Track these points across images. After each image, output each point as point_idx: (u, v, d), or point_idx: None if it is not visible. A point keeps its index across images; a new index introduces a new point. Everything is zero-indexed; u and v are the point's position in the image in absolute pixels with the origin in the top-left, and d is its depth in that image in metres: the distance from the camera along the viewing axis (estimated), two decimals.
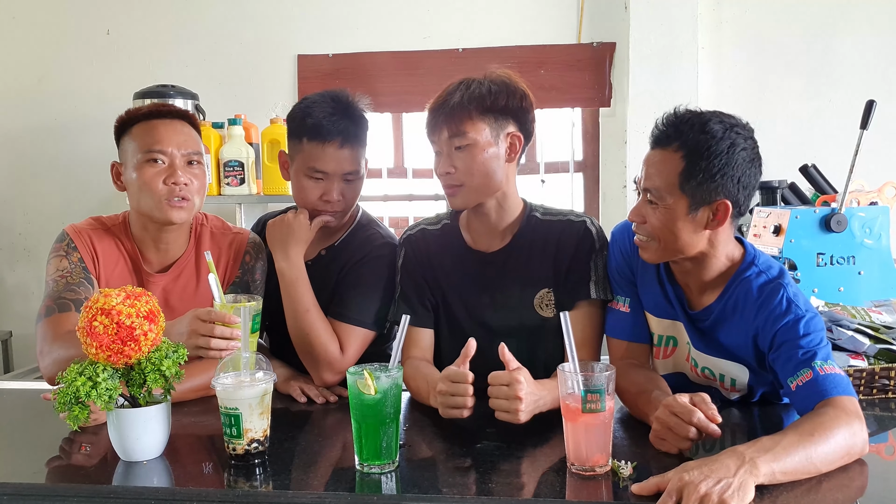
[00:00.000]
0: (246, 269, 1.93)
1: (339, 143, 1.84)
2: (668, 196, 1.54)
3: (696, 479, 1.17)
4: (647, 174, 1.58)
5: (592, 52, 3.68)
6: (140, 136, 1.82)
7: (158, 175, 1.80)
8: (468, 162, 1.73)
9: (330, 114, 1.85)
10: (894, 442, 1.60)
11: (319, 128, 1.84)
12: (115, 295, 1.42)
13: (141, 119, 1.84)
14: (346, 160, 1.86)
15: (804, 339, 1.49)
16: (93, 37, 3.97)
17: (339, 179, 1.87)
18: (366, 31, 3.82)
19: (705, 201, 1.54)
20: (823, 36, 3.57)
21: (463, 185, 1.75)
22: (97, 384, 1.39)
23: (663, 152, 1.56)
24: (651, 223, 1.58)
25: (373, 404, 1.34)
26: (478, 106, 1.71)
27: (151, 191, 1.80)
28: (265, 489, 1.34)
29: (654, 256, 1.62)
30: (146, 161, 1.80)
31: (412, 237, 1.92)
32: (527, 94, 1.79)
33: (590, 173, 3.89)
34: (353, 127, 1.87)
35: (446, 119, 1.72)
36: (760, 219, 2.80)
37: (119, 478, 1.39)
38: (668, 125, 1.57)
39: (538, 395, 1.52)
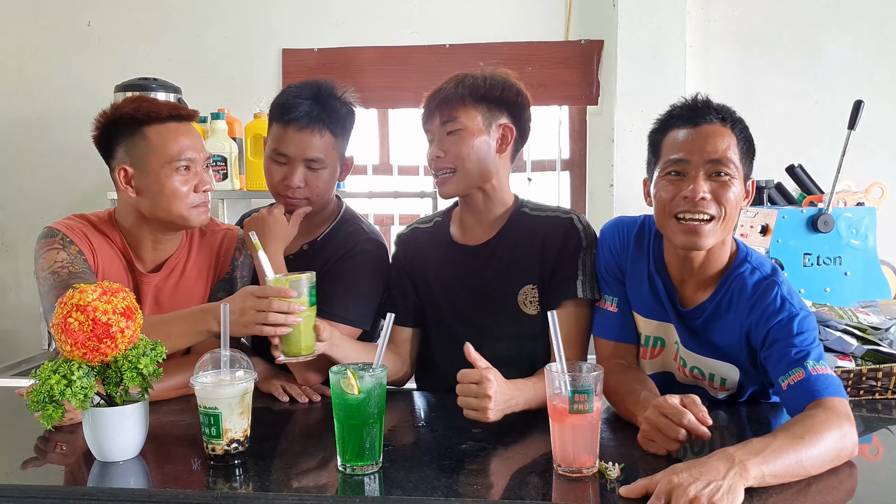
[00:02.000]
0: (235, 265, 1.91)
1: (299, 126, 1.80)
2: (736, 169, 1.54)
3: (686, 482, 1.15)
4: (708, 147, 1.52)
5: (580, 50, 3.66)
6: (162, 140, 1.75)
7: (187, 182, 1.77)
8: (458, 146, 1.73)
9: (298, 96, 1.81)
10: (880, 443, 1.59)
11: (284, 108, 1.82)
12: (90, 291, 1.38)
13: (155, 121, 1.76)
14: (309, 145, 1.81)
15: (797, 337, 1.48)
16: (73, 28, 3.91)
17: (301, 165, 1.83)
18: (352, 25, 3.78)
19: (747, 177, 1.58)
20: (811, 36, 3.56)
21: (455, 169, 1.74)
22: (72, 382, 1.35)
23: (714, 127, 1.54)
24: (724, 199, 1.52)
25: (356, 404, 1.31)
26: (472, 93, 1.73)
27: (181, 199, 1.76)
28: (245, 490, 1.30)
29: (710, 239, 1.54)
30: (175, 170, 1.75)
31: (403, 236, 1.94)
32: (523, 92, 1.80)
33: (577, 172, 3.87)
34: (322, 112, 1.81)
35: (439, 105, 1.74)
36: (747, 218, 2.80)
37: (94, 478, 1.35)
38: (709, 102, 1.57)
39: (509, 395, 1.50)
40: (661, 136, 1.60)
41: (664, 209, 1.56)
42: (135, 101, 1.79)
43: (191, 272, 1.88)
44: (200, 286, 1.88)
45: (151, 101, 1.81)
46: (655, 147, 1.62)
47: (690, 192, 1.52)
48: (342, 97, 1.88)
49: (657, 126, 1.63)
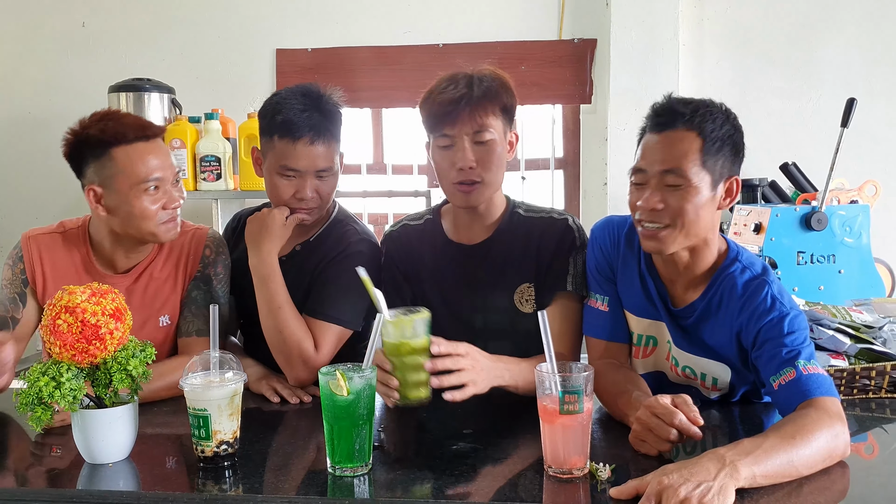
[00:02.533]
0: (207, 262, 1.90)
1: (310, 140, 1.80)
2: (693, 175, 1.50)
3: (676, 483, 1.15)
4: (663, 156, 1.52)
5: (573, 49, 3.65)
6: (130, 162, 1.74)
7: (157, 202, 1.77)
8: (489, 157, 1.71)
9: (300, 110, 1.80)
10: (874, 442, 1.59)
11: (290, 125, 1.80)
12: (79, 292, 1.38)
13: (122, 143, 1.75)
14: (319, 157, 1.82)
15: (788, 337, 1.48)
16: (68, 29, 3.90)
17: (312, 176, 1.83)
18: (345, 25, 3.77)
19: (723, 177, 1.54)
20: (805, 34, 3.56)
21: (482, 181, 1.73)
22: (61, 384, 1.35)
23: (676, 133, 1.52)
24: (672, 206, 1.51)
25: (345, 405, 1.30)
26: (497, 102, 1.72)
27: (151, 218, 1.77)
28: (234, 493, 1.30)
29: (669, 245, 1.54)
30: (144, 190, 1.75)
31: (393, 234, 1.91)
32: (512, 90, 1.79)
33: (570, 170, 3.87)
34: (325, 122, 1.82)
35: (472, 112, 1.69)
36: (741, 216, 2.80)
37: (84, 480, 1.34)
38: (678, 106, 1.54)
39: (491, 364, 1.53)
40: (641, 138, 1.61)
41: (632, 215, 1.59)
42: (101, 119, 1.77)
43: (160, 274, 1.88)
44: (170, 287, 1.88)
45: (117, 120, 1.77)
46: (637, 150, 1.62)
47: (644, 202, 1.53)
48: (333, 103, 1.89)
49: (640, 128, 1.63)
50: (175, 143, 3.37)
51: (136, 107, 3.42)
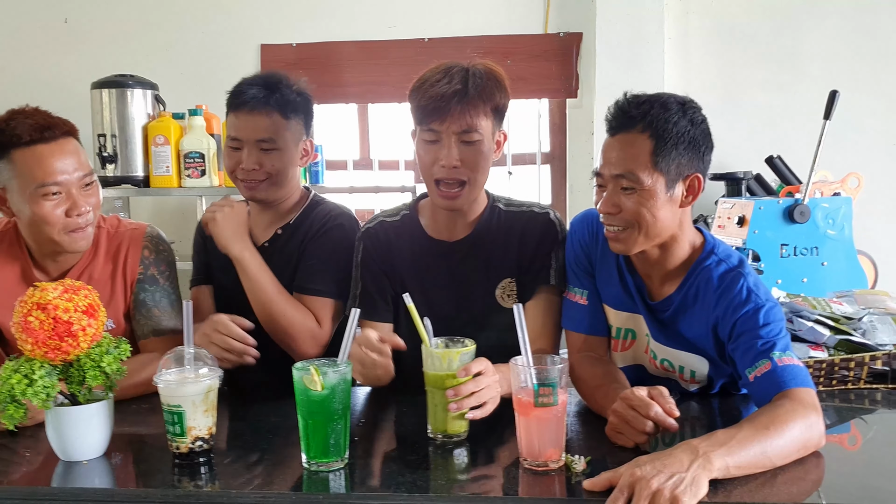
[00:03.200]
0: (147, 263, 1.86)
1: (249, 108, 1.85)
2: (646, 177, 1.50)
3: (649, 475, 1.14)
4: (615, 160, 1.52)
5: (559, 43, 3.65)
6: (27, 166, 1.65)
7: (58, 206, 1.68)
8: (475, 158, 1.69)
9: (249, 85, 1.87)
10: (852, 433, 1.59)
11: (235, 96, 1.87)
12: (51, 289, 1.37)
13: (22, 145, 1.65)
14: (259, 127, 1.85)
15: (763, 328, 1.48)
16: (51, 25, 3.88)
17: (254, 147, 1.86)
18: (330, 20, 3.76)
19: (680, 175, 1.52)
20: (791, 27, 3.57)
21: (467, 181, 1.70)
22: (33, 381, 1.33)
23: (627, 135, 1.52)
24: (629, 210, 1.52)
25: (320, 400, 1.30)
26: (490, 102, 1.68)
27: (52, 225, 1.68)
28: (209, 488, 1.29)
29: (631, 246, 1.55)
30: (43, 195, 1.66)
31: (371, 230, 1.86)
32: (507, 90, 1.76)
33: (557, 165, 3.87)
34: (270, 95, 1.86)
35: (463, 110, 1.65)
36: (725, 209, 2.80)
37: (58, 478, 1.33)
38: (628, 108, 1.53)
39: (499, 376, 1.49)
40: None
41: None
42: (6, 119, 1.67)
43: (98, 281, 1.81)
44: (108, 291, 1.82)
45: (20, 120, 1.66)
46: None
47: (601, 206, 1.55)
48: (293, 85, 1.92)
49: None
50: (159, 139, 3.36)
51: (119, 103, 3.40)
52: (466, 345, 1.47)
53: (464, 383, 1.40)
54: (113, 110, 3.42)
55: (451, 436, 1.43)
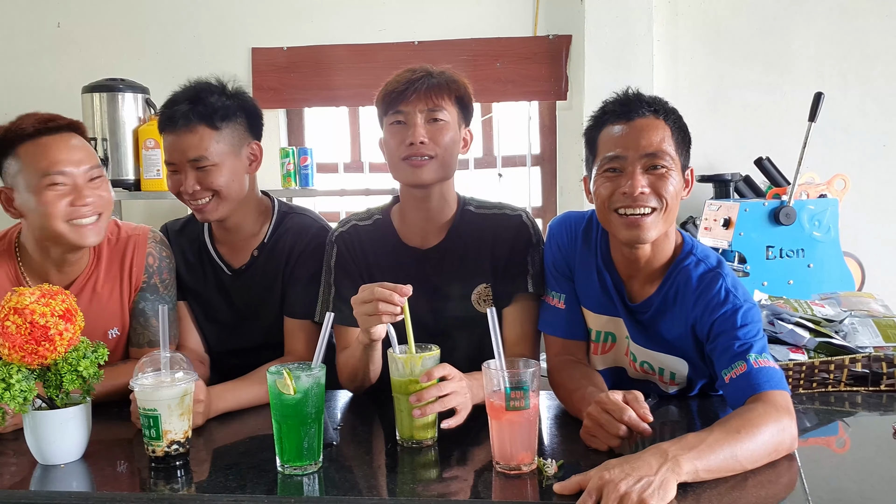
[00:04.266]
0: (151, 271, 1.84)
1: (175, 127, 1.76)
2: (673, 160, 1.53)
3: (617, 478, 1.15)
4: (643, 141, 1.52)
5: (548, 45, 3.66)
6: (31, 157, 1.65)
7: (62, 197, 1.65)
8: (442, 134, 1.70)
9: (171, 104, 1.78)
10: (830, 436, 1.60)
11: (163, 117, 1.79)
12: (28, 294, 1.38)
13: (26, 138, 1.65)
14: (189, 146, 1.76)
15: (741, 330, 1.48)
16: (43, 29, 3.90)
17: (189, 168, 1.78)
18: (321, 23, 3.77)
19: (684, 166, 1.57)
20: (779, 28, 3.58)
21: (435, 156, 1.71)
22: (10, 385, 1.35)
23: (646, 120, 1.54)
24: (658, 190, 1.51)
25: (293, 404, 1.30)
26: (454, 90, 1.72)
27: (57, 216, 1.65)
28: (185, 492, 1.30)
29: (654, 231, 1.53)
30: (47, 186, 1.64)
31: (344, 234, 1.85)
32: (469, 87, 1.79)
33: (547, 167, 3.88)
34: (193, 108, 1.76)
35: (427, 91, 1.68)
36: (711, 212, 2.81)
37: (36, 482, 1.35)
38: (639, 96, 1.58)
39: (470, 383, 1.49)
40: (597, 132, 1.60)
41: (604, 205, 1.56)
42: (16, 120, 1.68)
43: (103, 288, 1.79)
44: (115, 300, 1.81)
45: (25, 117, 1.68)
46: (591, 144, 1.62)
47: (629, 187, 1.51)
48: (221, 90, 1.83)
49: (591, 123, 1.62)
50: (149, 143, 3.37)
51: (109, 107, 3.41)
52: (430, 349, 1.47)
53: (426, 388, 1.41)
54: (104, 114, 3.43)
55: (418, 441, 1.43)
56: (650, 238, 1.55)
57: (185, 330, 1.94)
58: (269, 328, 1.92)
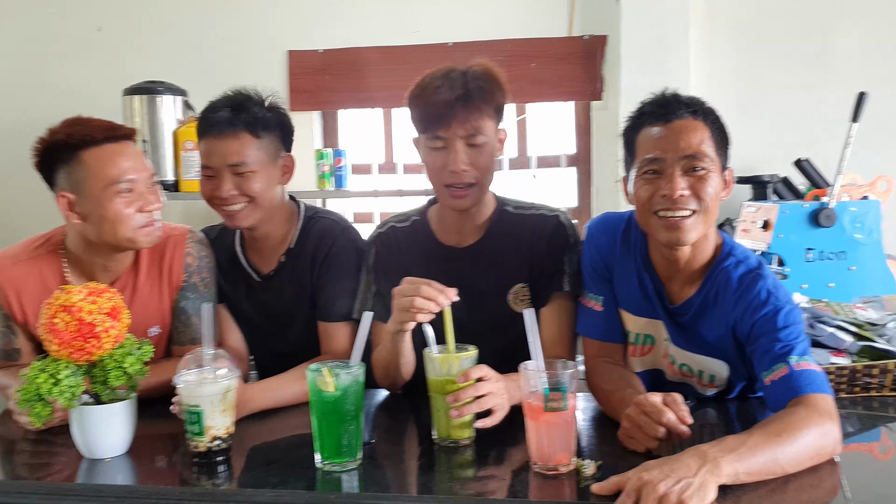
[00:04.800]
0: (191, 270, 1.86)
1: (217, 132, 1.79)
2: (712, 162, 1.52)
3: (656, 479, 1.15)
4: (682, 142, 1.51)
5: (583, 46, 3.65)
6: (99, 164, 1.68)
7: (130, 204, 1.70)
8: (482, 160, 1.70)
9: (214, 110, 1.81)
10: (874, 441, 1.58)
11: (203, 121, 1.83)
12: (76, 291, 1.41)
13: (92, 144, 1.69)
14: (230, 151, 1.79)
15: (782, 331, 1.47)
16: (84, 33, 3.96)
17: (228, 172, 1.80)
18: (356, 26, 3.79)
19: (724, 166, 1.57)
20: (819, 27, 3.52)
21: (476, 183, 1.71)
22: (59, 381, 1.38)
23: (685, 121, 1.53)
24: (698, 192, 1.51)
25: (332, 402, 1.32)
26: (492, 103, 1.69)
27: (126, 222, 1.70)
28: (226, 487, 1.32)
29: (693, 233, 1.52)
30: (117, 193, 1.69)
31: (382, 235, 1.88)
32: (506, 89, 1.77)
33: (582, 167, 3.86)
34: (236, 116, 1.79)
35: (467, 114, 1.65)
36: (749, 213, 2.78)
37: (82, 475, 1.38)
38: (677, 97, 1.57)
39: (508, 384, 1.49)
40: (634, 134, 1.59)
41: (644, 208, 1.55)
42: (69, 125, 1.72)
43: (143, 286, 1.83)
44: (155, 298, 1.84)
45: (86, 123, 1.72)
46: (629, 145, 1.61)
47: (668, 189, 1.50)
48: (262, 102, 1.87)
49: (629, 124, 1.62)
50: (188, 144, 3.42)
51: (149, 109, 3.47)
52: (468, 349, 1.47)
53: (464, 388, 1.41)
54: (143, 116, 3.49)
55: (455, 441, 1.44)
56: (690, 240, 1.54)
57: (225, 329, 1.96)
58: (301, 332, 1.94)
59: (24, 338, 1.82)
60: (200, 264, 1.88)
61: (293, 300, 1.93)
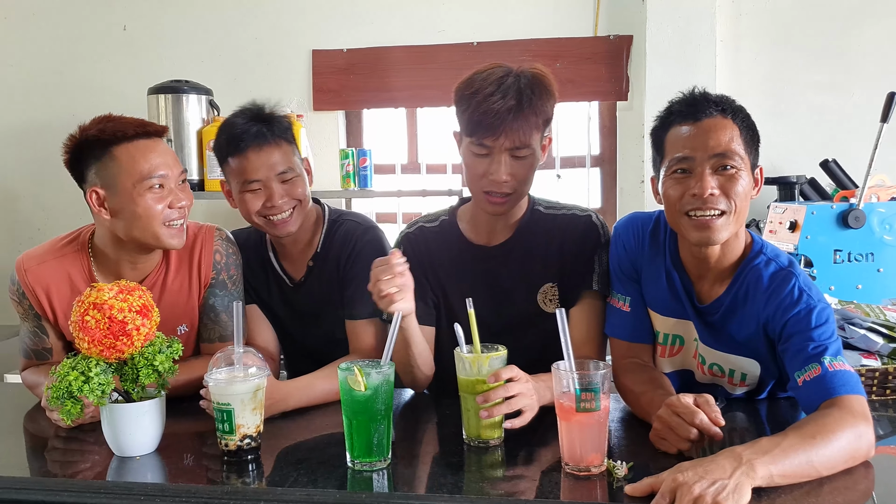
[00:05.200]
0: (219, 268, 1.87)
1: (258, 145, 1.82)
2: (742, 160, 1.51)
3: (691, 480, 1.14)
4: (711, 141, 1.50)
5: (609, 45, 3.63)
6: (131, 160, 1.69)
7: (161, 200, 1.71)
8: (525, 172, 1.68)
9: (241, 124, 1.84)
10: None
11: (235, 140, 1.83)
12: (107, 289, 1.42)
13: (124, 140, 1.70)
14: (276, 161, 1.83)
15: (815, 330, 1.45)
16: (110, 32, 4.00)
17: (276, 181, 1.83)
18: (380, 25, 3.80)
19: (754, 165, 1.55)
20: (846, 27, 3.48)
21: (514, 193, 1.70)
22: (90, 379, 1.39)
23: (714, 120, 1.52)
24: (728, 191, 1.49)
25: (363, 401, 1.32)
26: (542, 116, 1.66)
27: (156, 217, 1.70)
28: (256, 485, 1.33)
29: (723, 232, 1.51)
30: (148, 188, 1.70)
31: (410, 235, 1.88)
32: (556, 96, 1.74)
33: (607, 168, 3.84)
34: (268, 127, 1.84)
35: (516, 127, 1.62)
36: (776, 214, 2.75)
37: (112, 473, 1.38)
38: (706, 96, 1.56)
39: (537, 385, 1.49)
40: (663, 133, 1.58)
41: (674, 207, 1.54)
42: (101, 121, 1.72)
43: (173, 284, 1.84)
44: (184, 296, 1.85)
45: (117, 120, 1.73)
46: (659, 145, 1.60)
47: (698, 189, 1.49)
48: (279, 112, 1.91)
49: (658, 123, 1.61)
50: (212, 144, 3.42)
51: (174, 108, 3.49)
52: (497, 349, 1.47)
53: (493, 389, 1.41)
54: (169, 115, 3.51)
55: (485, 441, 1.44)
56: (720, 239, 1.52)
57: (256, 328, 1.97)
58: (332, 334, 1.96)
59: (54, 336, 1.84)
60: (228, 261, 1.89)
61: (323, 303, 1.95)
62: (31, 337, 1.85)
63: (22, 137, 4.05)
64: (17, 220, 4.11)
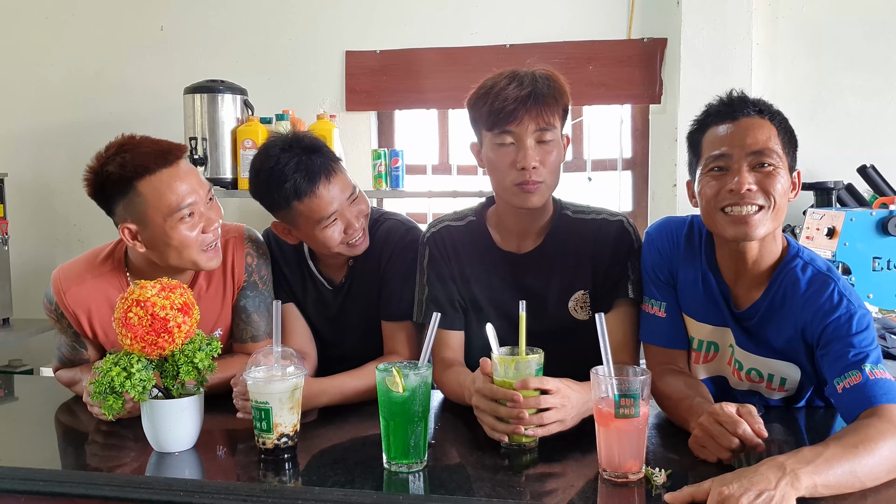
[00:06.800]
0: (251, 270, 1.87)
1: (326, 176, 1.77)
2: (780, 159, 1.51)
3: (737, 493, 1.12)
4: (749, 139, 1.50)
5: (643, 48, 3.61)
6: (157, 194, 1.66)
7: (194, 227, 1.70)
8: (552, 157, 1.67)
9: (296, 164, 1.76)
10: None
11: (299, 183, 1.75)
12: (150, 287, 1.44)
13: (146, 175, 1.65)
14: (345, 187, 1.80)
15: (856, 337, 1.44)
16: (147, 32, 4.05)
17: (348, 207, 1.80)
18: (413, 27, 3.81)
19: (792, 167, 1.55)
20: (885, 30, 3.43)
21: (544, 181, 1.68)
22: (131, 374, 1.40)
23: (752, 119, 1.52)
24: (766, 188, 1.49)
25: (401, 402, 1.32)
26: (561, 103, 1.67)
27: (192, 245, 1.70)
28: (293, 485, 1.33)
29: (761, 229, 1.50)
30: (180, 220, 1.67)
31: (436, 235, 1.85)
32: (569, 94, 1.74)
33: (639, 171, 3.82)
34: (321, 157, 1.79)
35: (538, 109, 1.63)
36: (814, 220, 2.72)
37: (151, 468, 1.40)
38: (743, 97, 1.56)
39: (582, 396, 1.48)
40: (700, 135, 1.58)
41: (710, 204, 1.53)
42: (117, 151, 1.67)
43: (208, 292, 1.85)
44: (218, 301, 1.86)
45: (134, 149, 1.67)
46: (695, 147, 1.59)
47: (736, 184, 1.48)
48: (310, 133, 1.88)
49: (695, 126, 1.60)
50: (247, 143, 3.46)
51: (209, 107, 3.52)
52: (535, 351, 1.46)
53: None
54: (204, 114, 3.54)
55: (519, 444, 1.43)
56: (758, 235, 1.51)
57: (292, 328, 1.96)
58: (371, 336, 1.94)
59: (93, 350, 1.87)
60: (259, 262, 1.90)
61: (364, 305, 1.93)
62: (68, 350, 1.88)
63: (61, 136, 4.11)
64: (55, 217, 4.17)
